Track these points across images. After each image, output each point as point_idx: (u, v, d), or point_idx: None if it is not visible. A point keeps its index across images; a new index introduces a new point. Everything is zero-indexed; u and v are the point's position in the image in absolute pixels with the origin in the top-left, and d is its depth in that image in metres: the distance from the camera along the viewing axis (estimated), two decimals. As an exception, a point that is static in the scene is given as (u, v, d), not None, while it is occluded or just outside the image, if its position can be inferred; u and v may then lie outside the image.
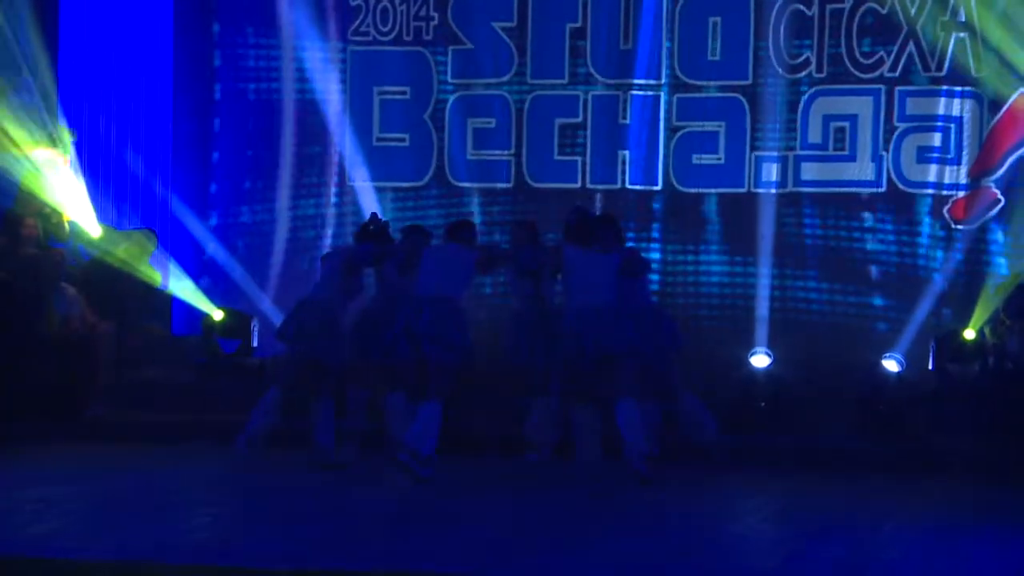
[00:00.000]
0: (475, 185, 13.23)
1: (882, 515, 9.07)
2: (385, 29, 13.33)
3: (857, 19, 12.61)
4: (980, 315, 12.07)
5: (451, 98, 13.29)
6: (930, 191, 12.66)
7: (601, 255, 9.98)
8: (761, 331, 12.41)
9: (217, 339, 12.60)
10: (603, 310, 9.80)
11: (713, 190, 12.94)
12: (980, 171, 12.52)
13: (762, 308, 12.55)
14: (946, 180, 12.60)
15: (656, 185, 13.03)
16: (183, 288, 12.96)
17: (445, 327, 9.72)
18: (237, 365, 12.30)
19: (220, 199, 13.73)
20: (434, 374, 9.72)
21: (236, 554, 7.41)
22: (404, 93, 13.35)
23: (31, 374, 11.57)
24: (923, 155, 12.65)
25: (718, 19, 12.92)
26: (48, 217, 12.99)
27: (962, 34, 12.47)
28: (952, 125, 12.55)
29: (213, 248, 13.48)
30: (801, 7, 12.70)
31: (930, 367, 11.96)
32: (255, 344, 12.68)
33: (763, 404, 11.58)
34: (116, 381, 11.79)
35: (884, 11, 12.55)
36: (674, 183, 13.01)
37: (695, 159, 12.91)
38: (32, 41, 13.11)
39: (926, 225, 12.67)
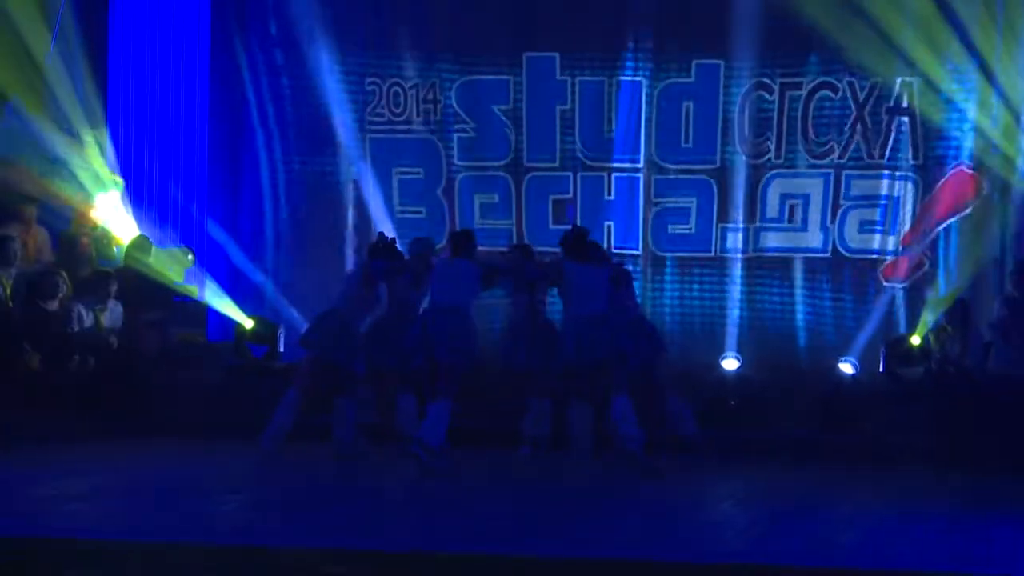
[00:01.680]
0: (482, 248, 13.16)
1: (840, 501, 9.02)
2: (397, 111, 13.33)
3: (813, 104, 12.64)
4: (924, 324, 12.03)
5: (459, 177, 13.33)
6: (870, 256, 12.73)
7: (595, 268, 9.98)
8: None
9: (248, 345, 12.51)
10: (598, 319, 9.78)
11: (685, 253, 12.97)
12: (912, 240, 12.65)
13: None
14: (881, 247, 12.72)
15: (636, 249, 13.02)
16: (217, 299, 12.89)
17: (456, 334, 9.67)
18: (265, 368, 12.20)
19: (250, 224, 13.67)
20: (444, 375, 9.64)
21: (265, 535, 7.33)
22: (418, 173, 13.30)
23: (81, 377, 11.47)
24: (864, 227, 12.74)
25: (690, 103, 12.93)
26: (99, 239, 12.96)
27: (904, 118, 12.52)
28: (890, 202, 12.64)
29: (243, 263, 13.44)
30: (763, 93, 12.70)
31: (881, 370, 11.88)
32: (281, 349, 12.61)
33: (733, 402, 11.50)
34: (157, 383, 11.64)
35: (836, 97, 12.56)
36: (652, 248, 13.07)
37: (670, 228, 13.01)
38: (87, 86, 13.13)
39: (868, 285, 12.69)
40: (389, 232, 11.64)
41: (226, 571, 6.59)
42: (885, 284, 12.68)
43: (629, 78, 13.02)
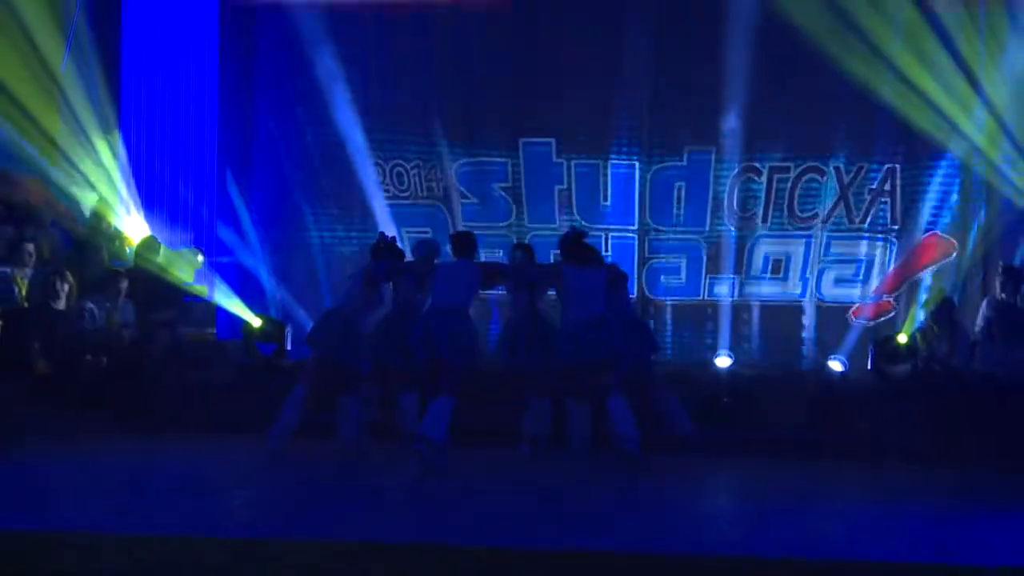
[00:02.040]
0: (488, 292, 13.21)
1: (830, 495, 9.06)
2: (402, 187, 13.39)
3: (800, 186, 12.86)
4: (911, 322, 12.04)
5: None
6: (842, 304, 12.91)
7: (592, 270, 9.97)
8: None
9: (256, 343, 12.50)
10: (596, 320, 9.77)
11: (676, 299, 13.09)
12: (883, 291, 12.83)
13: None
14: (855, 295, 12.92)
15: (632, 294, 12.94)
16: (226, 299, 12.90)
17: (457, 333, 9.67)
18: (273, 366, 12.18)
19: (259, 221, 13.71)
20: (446, 373, 9.65)
21: (270, 529, 7.33)
22: (427, 232, 13.28)
23: (95, 375, 11.49)
24: (840, 280, 12.95)
25: (682, 184, 13.09)
26: (112, 240, 12.99)
27: (886, 199, 12.70)
28: (866, 260, 12.87)
29: (252, 264, 13.46)
30: (752, 176, 12.92)
31: (869, 367, 11.89)
32: (288, 348, 12.60)
33: (726, 400, 11.50)
34: (167, 380, 11.64)
35: (823, 180, 12.81)
36: (646, 293, 13.19)
37: (662, 279, 13.10)
38: (100, 92, 13.18)
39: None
40: (389, 231, 11.64)
41: (232, 564, 6.59)
42: (853, 322, 12.84)
43: (623, 162, 13.15)
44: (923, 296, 12.57)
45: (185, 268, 12.73)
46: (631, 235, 13.24)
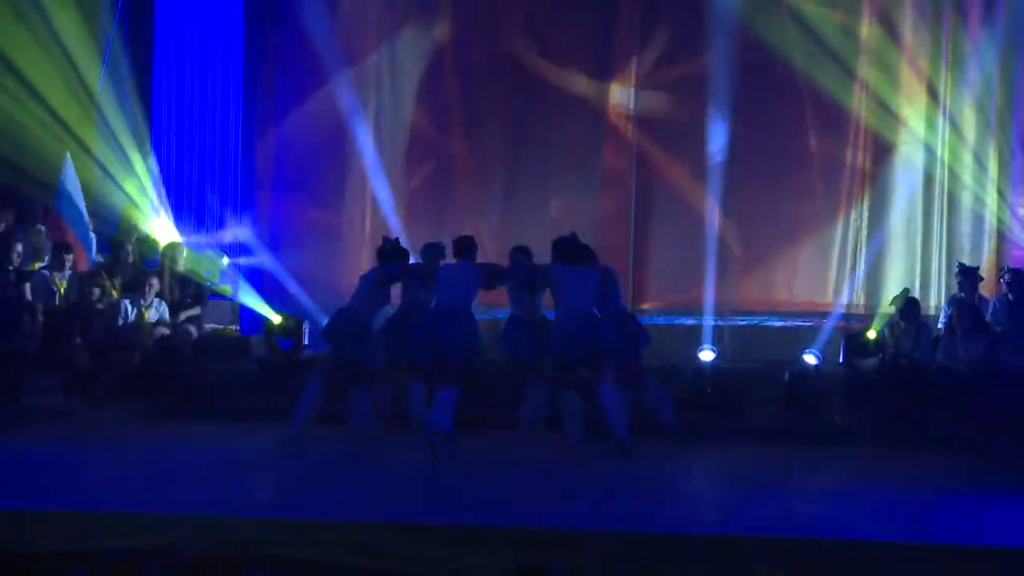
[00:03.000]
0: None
1: (805, 479, 9.08)
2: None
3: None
4: (880, 319, 12.07)
5: None
6: None
7: (584, 270, 9.96)
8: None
9: (276, 339, 12.50)
10: (587, 316, 9.78)
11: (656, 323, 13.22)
12: None
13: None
14: None
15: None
16: (249, 297, 12.92)
17: (459, 332, 9.68)
18: (292, 360, 12.19)
19: (279, 226, 13.72)
20: (450, 367, 9.66)
21: (292, 509, 7.35)
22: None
23: (127, 368, 11.51)
24: None
25: None
26: (144, 241, 13.01)
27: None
28: None
29: (272, 264, 13.49)
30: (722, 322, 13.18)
31: (841, 361, 11.91)
32: (306, 343, 12.60)
33: (709, 390, 11.51)
34: (196, 373, 11.66)
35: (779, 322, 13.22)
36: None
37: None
38: (134, 107, 13.22)
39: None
40: (392, 234, 11.65)
41: (254, 541, 6.62)
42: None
43: None
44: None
45: (210, 269, 12.77)
46: None
